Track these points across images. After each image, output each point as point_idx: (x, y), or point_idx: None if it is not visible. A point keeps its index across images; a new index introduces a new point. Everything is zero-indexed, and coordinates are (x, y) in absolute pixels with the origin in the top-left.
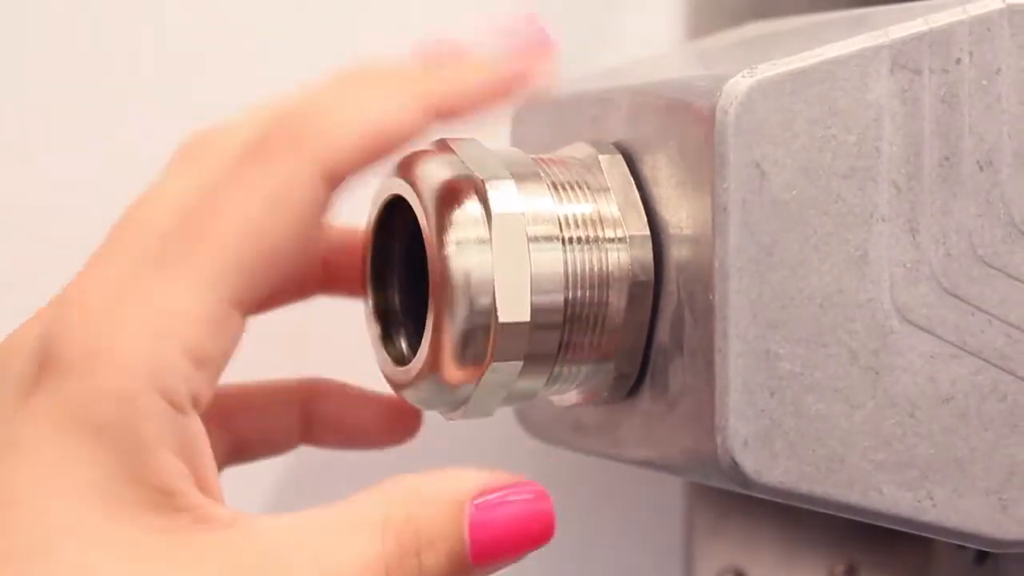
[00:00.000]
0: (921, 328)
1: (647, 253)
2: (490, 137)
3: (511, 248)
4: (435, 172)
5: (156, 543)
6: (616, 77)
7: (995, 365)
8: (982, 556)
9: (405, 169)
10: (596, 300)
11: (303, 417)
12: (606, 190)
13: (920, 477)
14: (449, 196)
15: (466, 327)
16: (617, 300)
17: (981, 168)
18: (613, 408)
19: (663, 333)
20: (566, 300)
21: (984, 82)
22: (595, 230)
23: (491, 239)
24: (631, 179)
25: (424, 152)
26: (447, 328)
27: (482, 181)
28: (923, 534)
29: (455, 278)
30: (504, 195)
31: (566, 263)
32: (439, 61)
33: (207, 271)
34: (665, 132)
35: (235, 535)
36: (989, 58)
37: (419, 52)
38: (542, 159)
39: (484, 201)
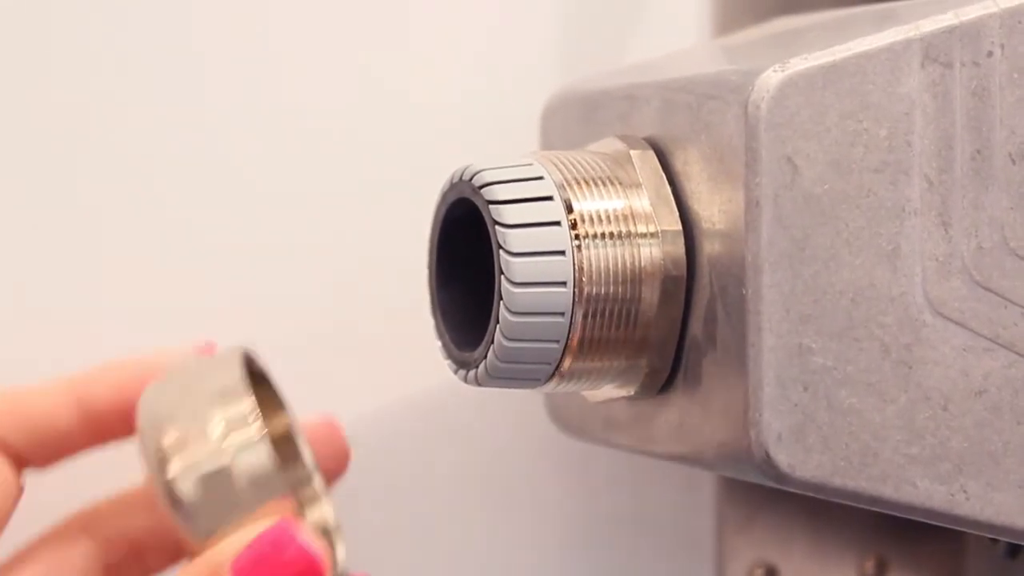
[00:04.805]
0: (953, 321)
1: (679, 248)
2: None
3: None
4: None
5: None
6: (645, 72)
7: None
8: (1014, 550)
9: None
10: (628, 295)
11: None
12: (638, 185)
13: (953, 471)
14: None
15: None
16: (650, 295)
17: (1013, 161)
18: (645, 403)
19: (696, 328)
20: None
21: (1015, 75)
22: (627, 225)
23: None
24: (663, 174)
25: None
26: None
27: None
28: (956, 528)
29: None
30: None
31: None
32: None
33: None
34: (696, 127)
35: None
36: (1021, 51)
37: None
38: (572, 155)
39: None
